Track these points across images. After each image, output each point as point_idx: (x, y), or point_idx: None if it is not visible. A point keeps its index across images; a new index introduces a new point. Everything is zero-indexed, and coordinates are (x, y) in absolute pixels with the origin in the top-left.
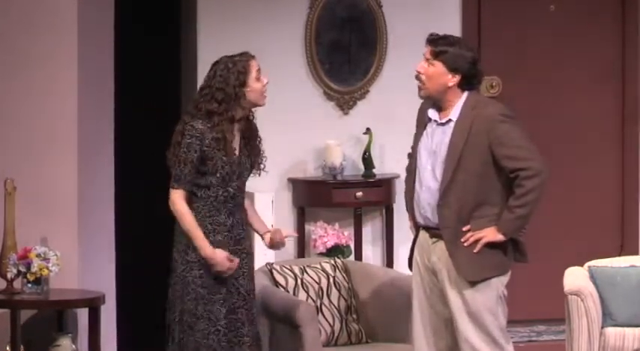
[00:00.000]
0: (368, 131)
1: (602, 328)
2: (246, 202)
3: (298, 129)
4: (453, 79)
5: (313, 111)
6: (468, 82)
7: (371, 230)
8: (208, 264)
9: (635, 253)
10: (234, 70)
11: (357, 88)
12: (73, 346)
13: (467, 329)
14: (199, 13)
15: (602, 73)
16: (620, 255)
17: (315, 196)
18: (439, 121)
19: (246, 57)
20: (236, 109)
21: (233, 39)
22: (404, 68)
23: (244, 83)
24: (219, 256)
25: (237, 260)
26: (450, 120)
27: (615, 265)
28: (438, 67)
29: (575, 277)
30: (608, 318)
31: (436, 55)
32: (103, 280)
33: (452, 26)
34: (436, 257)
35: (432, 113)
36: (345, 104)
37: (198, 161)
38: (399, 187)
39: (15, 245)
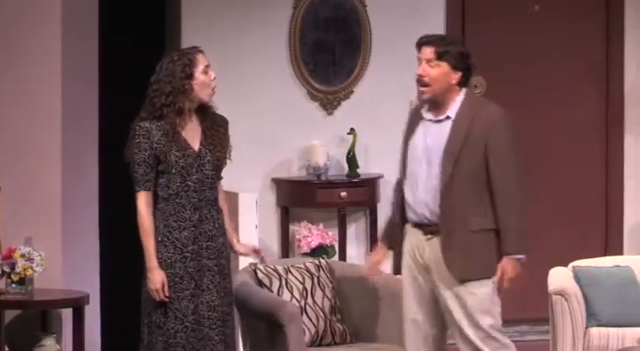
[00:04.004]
0: (352, 131)
1: (586, 328)
2: (222, 203)
3: (282, 129)
4: (455, 77)
5: (297, 111)
6: (466, 79)
7: (355, 230)
8: (173, 262)
9: (619, 253)
10: (179, 63)
11: (341, 88)
12: (58, 346)
13: (465, 328)
14: (183, 10)
15: (586, 74)
16: (604, 255)
17: (299, 196)
18: (435, 119)
19: (193, 50)
20: (183, 102)
21: (217, 38)
22: (388, 68)
23: (191, 75)
24: (156, 277)
25: (166, 295)
26: (447, 117)
27: (599, 265)
28: (444, 66)
29: (560, 277)
30: (592, 318)
31: (440, 56)
32: (87, 281)
33: (436, 27)
34: (429, 254)
35: (425, 113)
36: (329, 104)
37: (152, 160)
38: (383, 187)
39: None
